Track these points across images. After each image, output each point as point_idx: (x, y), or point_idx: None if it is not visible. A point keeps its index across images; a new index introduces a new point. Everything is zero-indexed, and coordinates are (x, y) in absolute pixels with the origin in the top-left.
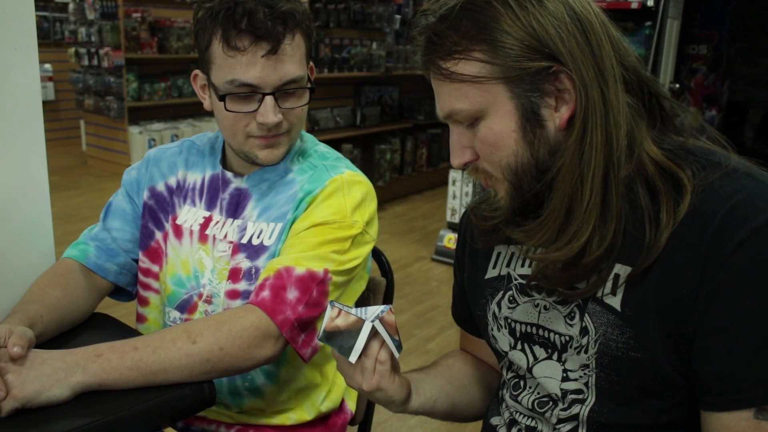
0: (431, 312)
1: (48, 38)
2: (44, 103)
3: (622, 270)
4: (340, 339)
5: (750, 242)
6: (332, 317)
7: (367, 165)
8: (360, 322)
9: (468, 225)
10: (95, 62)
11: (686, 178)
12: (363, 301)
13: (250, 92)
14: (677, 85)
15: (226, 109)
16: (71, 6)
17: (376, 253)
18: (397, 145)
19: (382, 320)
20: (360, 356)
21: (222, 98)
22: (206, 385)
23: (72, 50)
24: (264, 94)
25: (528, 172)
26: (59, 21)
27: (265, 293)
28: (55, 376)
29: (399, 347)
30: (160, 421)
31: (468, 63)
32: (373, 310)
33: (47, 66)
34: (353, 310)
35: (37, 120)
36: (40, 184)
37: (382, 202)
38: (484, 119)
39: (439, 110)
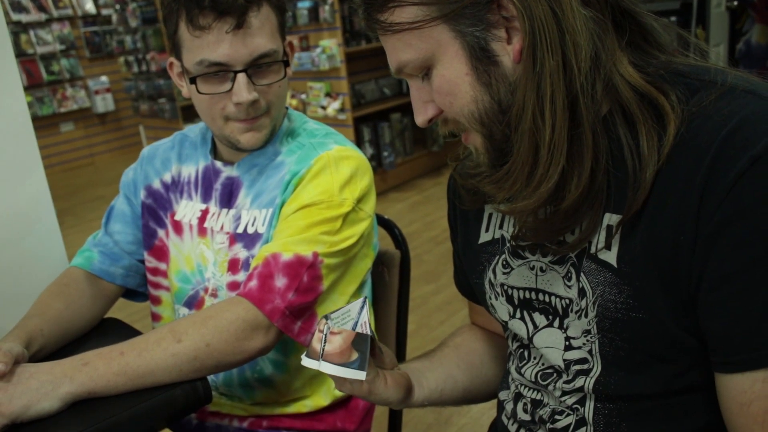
0: None
1: (101, 51)
2: (106, 114)
3: (613, 219)
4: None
5: (750, 173)
6: (333, 341)
7: (418, 131)
8: (355, 334)
9: (455, 186)
10: (144, 68)
11: (668, 105)
12: (376, 277)
13: (221, 71)
14: (735, 2)
15: (199, 92)
16: (114, 17)
17: (389, 226)
18: None
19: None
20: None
21: (193, 81)
22: (200, 383)
23: (122, 59)
24: (235, 72)
25: (495, 118)
26: (108, 33)
27: (253, 283)
28: (42, 389)
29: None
30: (154, 423)
31: (402, 9)
32: (355, 311)
33: (104, 78)
34: (338, 320)
35: (30, 137)
36: (44, 201)
37: (440, 167)
38: (435, 67)
39: (390, 65)
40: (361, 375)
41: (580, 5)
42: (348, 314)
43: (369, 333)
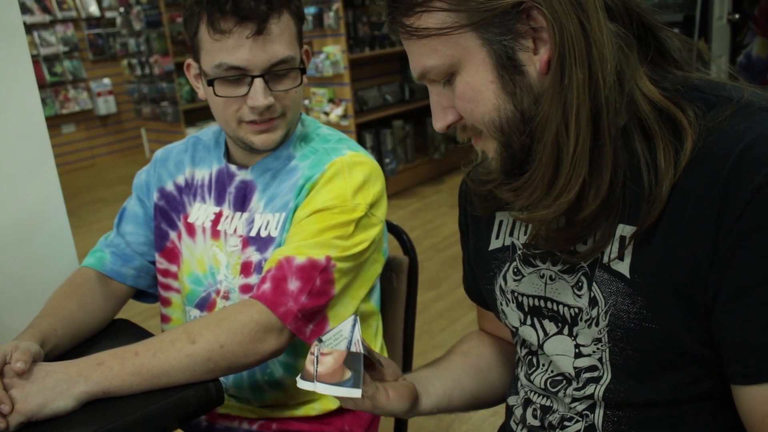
0: None
1: (104, 53)
2: (107, 116)
3: (626, 231)
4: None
5: (767, 188)
6: (324, 362)
7: (420, 139)
8: (346, 353)
9: (467, 192)
10: (147, 71)
11: (686, 120)
12: (385, 282)
13: (239, 75)
14: (737, 15)
15: (216, 94)
16: (118, 19)
17: (397, 232)
18: None
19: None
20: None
21: (210, 83)
22: (212, 384)
23: (125, 62)
24: (253, 77)
25: (515, 128)
26: (112, 36)
27: (266, 286)
28: (58, 388)
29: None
30: (167, 424)
31: (430, 15)
32: (347, 330)
33: (106, 81)
34: (331, 341)
35: (43, 136)
36: (56, 201)
37: (441, 175)
38: (459, 74)
39: (412, 70)
40: (356, 393)
41: (607, 19)
42: (340, 334)
43: (362, 351)
